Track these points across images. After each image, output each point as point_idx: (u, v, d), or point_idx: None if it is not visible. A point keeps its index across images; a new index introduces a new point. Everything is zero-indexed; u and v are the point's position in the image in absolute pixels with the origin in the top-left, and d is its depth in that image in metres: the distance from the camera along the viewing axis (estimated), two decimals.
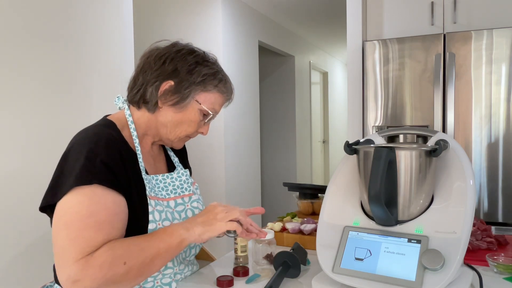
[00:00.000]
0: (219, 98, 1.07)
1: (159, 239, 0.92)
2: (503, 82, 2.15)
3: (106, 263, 0.84)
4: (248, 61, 4.04)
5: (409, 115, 2.35)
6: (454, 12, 2.38)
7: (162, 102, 1.03)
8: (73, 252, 0.84)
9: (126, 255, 0.87)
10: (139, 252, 0.89)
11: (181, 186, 1.11)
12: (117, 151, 0.95)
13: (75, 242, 0.85)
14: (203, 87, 1.03)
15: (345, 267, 0.93)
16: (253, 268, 1.12)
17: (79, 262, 0.83)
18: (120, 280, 0.87)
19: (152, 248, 0.91)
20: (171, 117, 1.04)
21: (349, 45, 2.61)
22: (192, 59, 1.03)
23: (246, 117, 4.00)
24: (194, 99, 1.03)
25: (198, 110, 1.04)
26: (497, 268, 1.05)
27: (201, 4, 3.60)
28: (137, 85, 1.05)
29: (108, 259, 0.85)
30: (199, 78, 1.02)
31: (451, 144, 0.98)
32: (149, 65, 1.04)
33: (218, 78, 1.06)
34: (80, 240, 0.85)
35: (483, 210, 2.19)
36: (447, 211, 0.91)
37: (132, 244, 0.90)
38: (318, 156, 6.23)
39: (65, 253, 0.85)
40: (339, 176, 1.08)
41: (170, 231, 0.94)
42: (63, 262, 0.85)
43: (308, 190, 1.66)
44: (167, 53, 1.03)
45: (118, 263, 0.86)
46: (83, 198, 0.88)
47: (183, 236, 0.94)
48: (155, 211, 0.98)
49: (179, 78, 1.01)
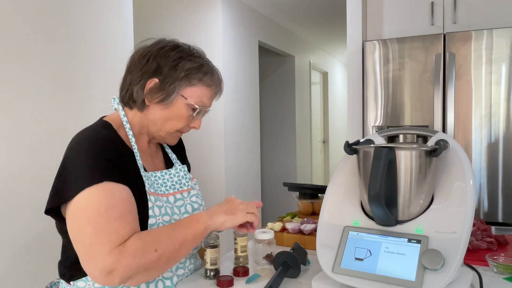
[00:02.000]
0: (206, 91, 1.07)
1: (186, 226, 0.96)
2: (503, 82, 2.15)
3: (138, 251, 0.88)
4: (248, 61, 4.04)
5: (409, 115, 2.35)
6: (454, 12, 2.38)
7: (148, 100, 1.04)
8: (105, 245, 0.86)
9: (156, 243, 0.91)
10: (167, 239, 0.92)
11: (180, 182, 1.13)
12: (116, 150, 0.98)
13: (104, 235, 0.87)
14: (187, 82, 1.03)
15: (345, 267, 0.93)
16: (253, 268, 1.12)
17: (113, 252, 0.86)
18: (152, 267, 0.90)
19: (180, 235, 0.94)
20: (159, 114, 1.04)
21: (349, 45, 2.61)
22: (175, 55, 1.03)
23: (246, 117, 4.00)
24: (180, 95, 1.03)
25: (185, 105, 1.04)
26: (497, 268, 1.05)
27: (201, 4, 3.60)
28: (125, 85, 1.07)
29: (139, 247, 0.88)
30: (182, 73, 1.02)
31: (451, 144, 0.98)
32: (134, 65, 1.05)
33: (202, 71, 1.05)
34: (108, 232, 0.87)
35: (483, 210, 2.19)
36: (447, 211, 0.91)
37: (160, 233, 0.94)
38: (318, 156, 6.23)
39: (96, 247, 0.86)
40: (339, 176, 1.08)
41: (195, 218, 0.98)
42: (95, 256, 0.86)
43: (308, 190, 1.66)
44: (150, 51, 1.04)
45: (149, 250, 0.89)
46: (98, 193, 0.90)
47: (208, 223, 0.98)
48: (155, 206, 1.00)
49: (163, 75, 1.02)
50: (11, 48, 1.77)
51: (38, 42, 1.88)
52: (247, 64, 4.01)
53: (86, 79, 2.12)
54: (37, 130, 1.87)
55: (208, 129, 3.63)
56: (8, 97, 1.76)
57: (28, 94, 1.84)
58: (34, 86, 1.87)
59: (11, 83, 1.77)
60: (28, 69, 1.84)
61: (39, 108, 1.88)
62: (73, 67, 2.05)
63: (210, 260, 1.09)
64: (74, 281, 0.99)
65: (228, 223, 1.00)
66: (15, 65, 1.79)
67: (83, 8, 2.12)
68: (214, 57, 3.56)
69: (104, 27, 2.24)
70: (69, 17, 2.04)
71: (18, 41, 1.80)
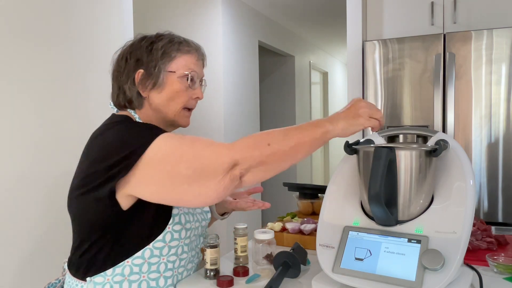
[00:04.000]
0: (188, 58, 1.09)
1: (304, 128, 0.95)
2: (503, 82, 2.14)
3: (251, 144, 0.91)
4: (248, 61, 4.03)
5: (409, 115, 2.35)
6: (454, 12, 2.38)
7: (143, 91, 1.06)
8: (217, 148, 0.91)
9: (269, 138, 0.92)
10: (283, 136, 0.93)
11: None
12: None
13: (210, 147, 0.92)
14: (168, 57, 1.06)
15: (345, 267, 0.93)
16: (253, 268, 1.12)
17: (228, 148, 0.90)
18: (268, 161, 0.92)
19: (296, 135, 0.93)
20: (158, 99, 1.06)
21: (349, 45, 2.61)
22: (146, 42, 1.07)
23: (246, 117, 4.00)
24: (167, 71, 1.06)
25: (177, 78, 1.06)
26: (497, 268, 1.05)
27: (201, 4, 3.60)
28: (115, 91, 1.10)
29: (251, 141, 0.92)
30: (159, 52, 1.05)
31: (451, 144, 0.98)
32: (117, 72, 1.10)
33: (176, 42, 1.08)
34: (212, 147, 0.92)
35: (483, 210, 2.19)
36: (447, 211, 0.91)
37: (274, 131, 0.94)
38: (318, 156, 6.23)
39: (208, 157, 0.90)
40: (339, 176, 1.08)
41: (315, 123, 0.96)
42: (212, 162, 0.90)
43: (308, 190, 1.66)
44: (124, 51, 1.09)
45: (262, 143, 0.91)
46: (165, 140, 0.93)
47: (328, 128, 0.94)
48: None
49: (145, 64, 1.05)
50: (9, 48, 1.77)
51: (37, 42, 1.88)
52: (247, 64, 4.01)
53: (86, 79, 2.12)
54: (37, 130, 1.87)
55: (208, 129, 3.63)
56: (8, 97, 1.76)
57: (27, 94, 1.84)
58: (33, 86, 1.87)
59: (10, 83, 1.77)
60: (28, 69, 1.84)
61: (38, 108, 1.88)
62: (72, 67, 2.05)
63: (210, 260, 1.09)
64: (91, 277, 0.98)
65: (349, 130, 0.95)
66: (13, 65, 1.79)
67: (83, 8, 2.12)
68: (214, 57, 3.56)
69: (104, 27, 2.24)
70: (69, 17, 2.04)
71: (17, 41, 1.80)
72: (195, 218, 1.08)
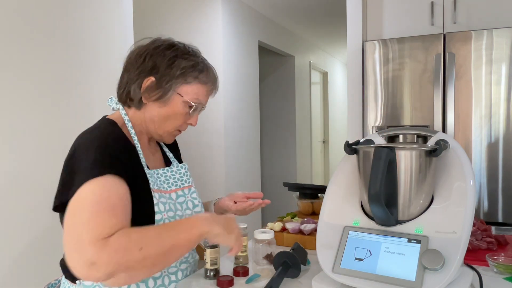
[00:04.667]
0: (202, 88, 1.08)
1: (180, 229, 0.92)
2: (503, 82, 2.14)
3: (122, 247, 0.85)
4: (248, 61, 4.04)
5: (409, 115, 2.35)
6: (454, 12, 2.38)
7: (146, 98, 1.05)
8: (89, 236, 0.84)
9: (143, 242, 0.87)
10: (157, 239, 0.88)
11: (181, 179, 1.15)
12: (123, 146, 1.00)
13: (90, 226, 0.85)
14: (183, 80, 1.05)
15: (345, 267, 0.93)
16: (253, 268, 1.12)
17: (96, 244, 0.83)
18: (136, 266, 0.87)
19: (172, 237, 0.90)
20: (156, 112, 1.06)
21: (349, 45, 2.61)
22: (171, 53, 1.05)
23: (246, 117, 4.00)
24: (176, 92, 1.05)
25: (182, 103, 1.06)
26: (497, 268, 1.05)
27: (201, 4, 3.60)
28: (123, 84, 1.08)
29: (123, 243, 0.85)
30: (178, 71, 1.04)
31: (451, 144, 0.98)
32: (131, 64, 1.07)
33: (198, 69, 1.06)
34: (95, 223, 0.86)
35: (483, 210, 2.19)
36: (447, 211, 0.91)
37: (150, 231, 0.90)
38: (318, 156, 6.23)
39: (81, 237, 0.85)
40: (339, 176, 1.08)
41: (192, 222, 0.94)
42: (79, 246, 0.85)
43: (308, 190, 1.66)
44: (146, 50, 1.06)
45: (134, 248, 0.85)
46: (95, 187, 0.89)
47: (205, 229, 0.93)
48: (160, 203, 1.02)
49: (159, 74, 1.03)
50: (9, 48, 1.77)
51: (37, 42, 1.88)
52: (247, 64, 4.01)
53: (86, 79, 2.12)
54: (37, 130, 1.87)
55: (208, 129, 3.63)
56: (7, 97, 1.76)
57: (27, 94, 1.84)
58: (33, 86, 1.87)
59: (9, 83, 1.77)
60: (27, 69, 1.84)
61: (38, 108, 1.88)
62: (72, 67, 2.05)
63: (210, 260, 1.09)
64: (81, 280, 1.00)
65: (221, 238, 0.96)
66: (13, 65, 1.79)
67: (83, 8, 2.12)
68: (214, 57, 3.55)
69: (104, 27, 2.24)
70: (69, 17, 2.04)
71: (17, 41, 1.80)
72: None
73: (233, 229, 0.98)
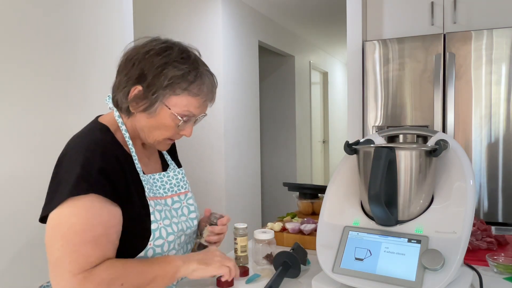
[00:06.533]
0: (192, 100, 0.98)
1: (158, 265, 0.94)
2: (503, 82, 2.14)
3: (104, 282, 0.85)
4: (248, 61, 4.04)
5: (409, 115, 2.35)
6: (454, 12, 2.38)
7: (133, 108, 0.98)
8: (71, 267, 0.83)
9: (124, 276, 0.88)
10: (137, 274, 0.90)
11: (178, 184, 1.12)
12: (114, 157, 0.94)
13: (73, 257, 0.84)
14: (171, 91, 0.96)
15: (345, 267, 0.93)
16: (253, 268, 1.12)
17: (77, 277, 0.83)
18: None
19: (150, 273, 0.92)
20: (145, 122, 0.99)
21: (349, 45, 2.61)
22: (160, 61, 0.96)
23: (246, 117, 4.00)
24: (164, 104, 0.96)
25: (171, 115, 0.98)
26: (497, 268, 1.05)
27: (201, 4, 3.60)
28: (114, 88, 1.03)
29: (106, 278, 0.85)
30: (166, 81, 0.95)
31: (451, 144, 0.98)
32: (122, 68, 1.01)
33: (187, 80, 0.96)
34: (78, 255, 0.84)
35: (483, 210, 2.19)
36: (447, 211, 0.91)
37: (131, 266, 0.91)
38: (318, 156, 6.23)
39: (62, 266, 0.84)
40: (339, 176, 1.08)
41: (168, 260, 0.96)
42: (60, 275, 0.84)
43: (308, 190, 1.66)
44: (136, 54, 0.98)
45: (116, 283, 0.86)
46: (79, 210, 0.86)
47: (180, 267, 0.95)
48: (155, 211, 0.99)
49: (147, 83, 0.95)
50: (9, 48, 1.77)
51: (37, 42, 1.88)
52: (247, 64, 4.01)
53: (85, 78, 2.12)
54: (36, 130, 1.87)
55: (208, 129, 3.63)
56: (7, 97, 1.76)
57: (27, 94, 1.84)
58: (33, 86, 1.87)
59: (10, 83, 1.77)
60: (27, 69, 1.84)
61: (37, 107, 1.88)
62: (72, 66, 2.05)
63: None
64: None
65: (199, 273, 0.96)
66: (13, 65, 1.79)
67: (83, 8, 2.12)
68: (214, 57, 3.56)
69: (104, 27, 2.24)
70: (69, 17, 2.04)
71: (17, 41, 1.80)
72: (179, 228, 1.04)
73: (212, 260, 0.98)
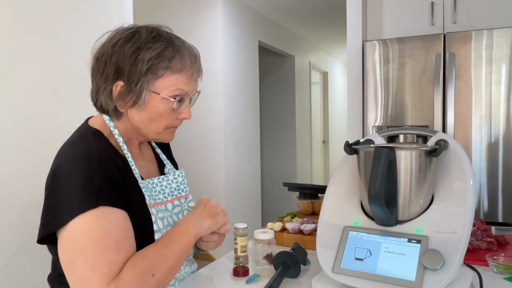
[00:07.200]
0: (179, 77, 0.91)
1: (177, 241, 0.92)
2: (503, 82, 2.15)
3: (136, 281, 0.82)
4: (248, 61, 4.04)
5: (409, 115, 2.35)
6: (454, 12, 2.38)
7: (121, 107, 0.92)
8: (98, 279, 0.79)
9: (153, 267, 0.85)
10: (163, 260, 0.88)
11: (178, 188, 1.08)
12: (112, 163, 0.90)
13: (97, 268, 0.80)
14: (154, 75, 0.89)
15: (345, 267, 0.93)
16: (253, 268, 1.12)
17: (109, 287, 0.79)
18: None
19: (174, 252, 0.90)
20: (138, 118, 0.93)
21: (349, 45, 2.61)
22: (131, 48, 0.89)
23: (246, 117, 4.00)
24: (151, 91, 0.90)
25: (162, 100, 0.91)
26: (497, 268, 1.05)
27: (201, 4, 3.60)
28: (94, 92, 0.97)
29: (136, 276, 0.82)
30: (144, 66, 0.88)
31: (451, 144, 0.98)
32: (95, 71, 0.95)
33: (166, 56, 0.89)
34: (102, 264, 0.80)
35: (483, 210, 2.19)
36: (447, 211, 0.91)
37: (154, 254, 0.88)
38: (318, 156, 6.23)
39: (89, 281, 0.79)
40: (339, 176, 1.08)
41: (183, 231, 0.94)
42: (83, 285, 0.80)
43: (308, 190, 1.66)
44: (105, 50, 0.92)
45: (147, 277, 0.84)
46: (92, 220, 0.82)
47: (196, 232, 0.95)
48: (158, 219, 0.96)
49: (126, 75, 0.89)
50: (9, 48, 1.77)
51: (37, 42, 1.88)
52: (247, 64, 4.01)
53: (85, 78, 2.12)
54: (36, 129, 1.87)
55: (208, 129, 3.63)
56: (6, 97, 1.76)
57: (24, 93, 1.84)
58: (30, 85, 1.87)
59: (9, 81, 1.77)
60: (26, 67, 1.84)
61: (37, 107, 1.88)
62: (72, 66, 2.05)
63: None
64: None
65: (213, 227, 0.99)
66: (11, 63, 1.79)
67: (83, 8, 2.12)
68: (214, 57, 3.56)
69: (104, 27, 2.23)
70: (69, 17, 2.04)
71: (17, 41, 1.80)
72: None
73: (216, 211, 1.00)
